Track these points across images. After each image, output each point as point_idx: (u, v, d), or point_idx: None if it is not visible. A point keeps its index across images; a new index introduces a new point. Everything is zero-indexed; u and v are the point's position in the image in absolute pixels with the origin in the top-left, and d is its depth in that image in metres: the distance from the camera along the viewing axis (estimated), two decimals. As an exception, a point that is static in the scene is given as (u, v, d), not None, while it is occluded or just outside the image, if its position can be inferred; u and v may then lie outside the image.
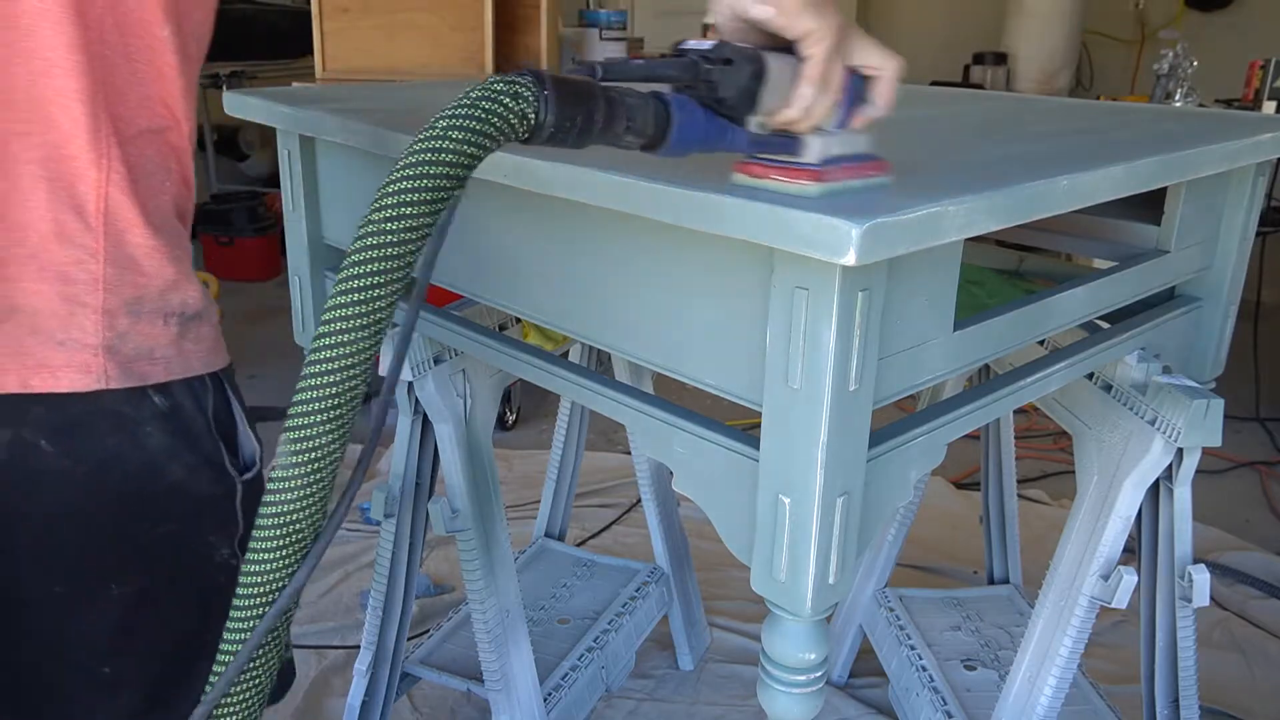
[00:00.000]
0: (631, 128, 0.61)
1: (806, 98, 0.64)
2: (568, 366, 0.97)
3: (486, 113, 0.55)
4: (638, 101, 0.61)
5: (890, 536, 1.69)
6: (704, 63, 0.62)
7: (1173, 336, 1.14)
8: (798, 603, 0.75)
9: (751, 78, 0.63)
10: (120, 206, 0.68)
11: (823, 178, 0.66)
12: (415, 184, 0.56)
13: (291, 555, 0.60)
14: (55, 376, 0.68)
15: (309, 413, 0.58)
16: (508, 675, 1.30)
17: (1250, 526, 2.42)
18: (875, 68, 0.68)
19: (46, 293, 0.67)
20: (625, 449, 2.61)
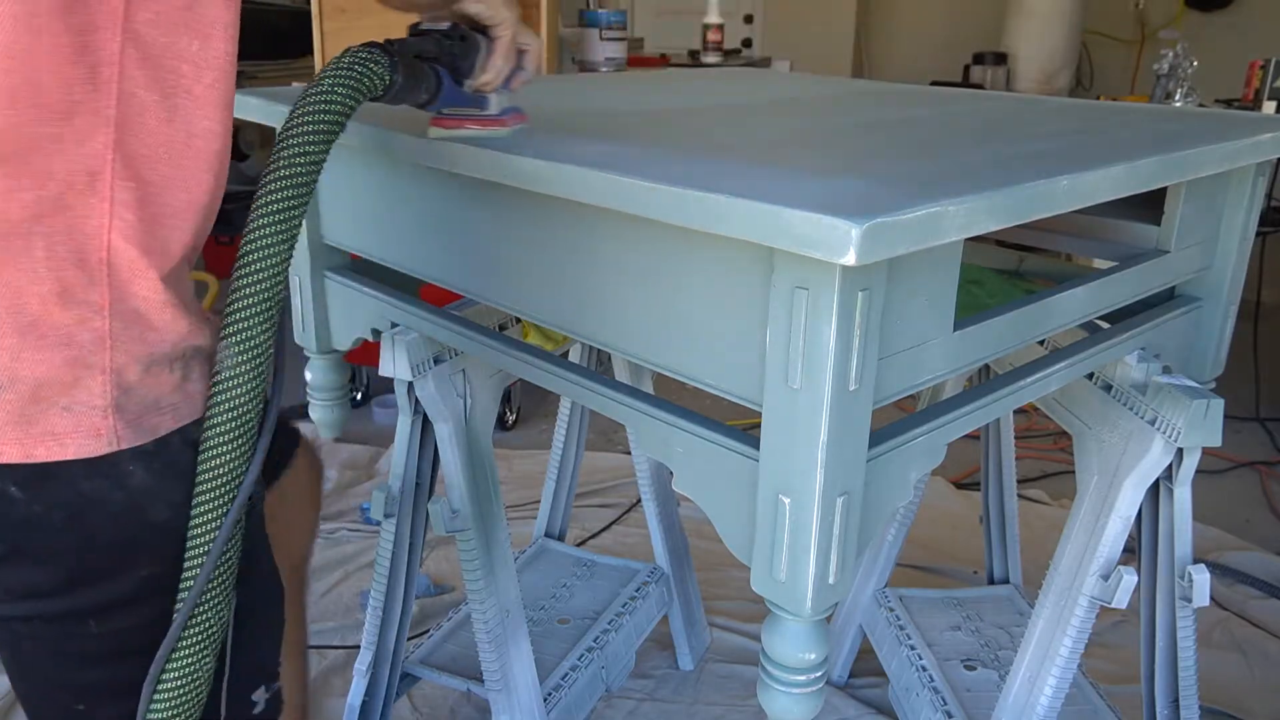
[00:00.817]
0: (426, 88, 0.83)
1: (498, 68, 0.88)
2: (568, 366, 0.97)
3: (360, 74, 0.72)
4: (426, 69, 0.82)
5: (890, 536, 1.69)
6: (445, 39, 0.84)
7: (1173, 336, 1.14)
8: (798, 603, 0.75)
9: (474, 52, 0.86)
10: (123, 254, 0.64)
11: (506, 124, 0.91)
12: (312, 126, 0.68)
13: (245, 444, 0.68)
14: (62, 445, 0.64)
15: (246, 316, 0.67)
16: (508, 675, 1.30)
17: (1250, 526, 2.42)
18: (527, 44, 0.91)
19: (50, 360, 0.63)
20: (625, 449, 2.61)
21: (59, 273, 0.62)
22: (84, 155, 0.62)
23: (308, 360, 1.31)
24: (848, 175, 0.75)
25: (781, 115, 1.16)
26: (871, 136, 0.99)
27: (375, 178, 1.10)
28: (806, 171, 0.77)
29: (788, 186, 0.69)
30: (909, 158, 0.85)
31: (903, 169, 0.78)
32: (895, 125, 1.09)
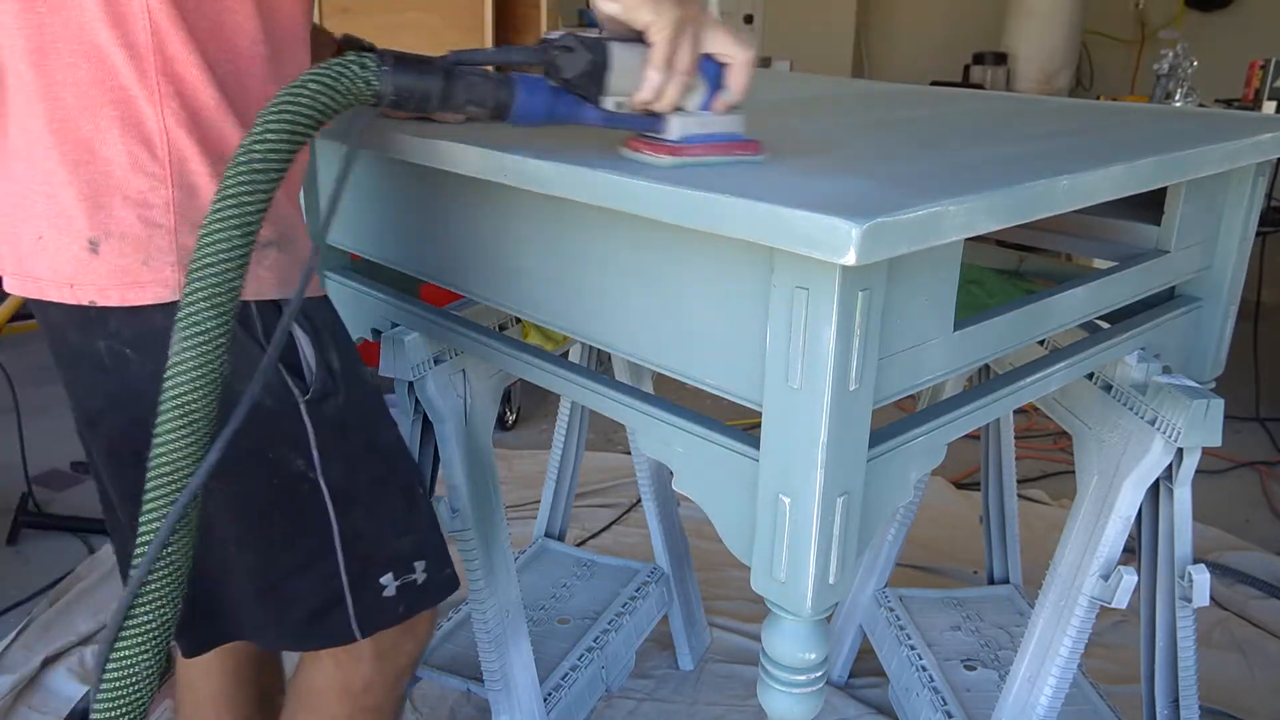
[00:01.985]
0: (472, 99, 0.74)
1: (653, 80, 0.74)
2: (568, 366, 0.97)
3: (337, 78, 0.69)
4: (478, 79, 0.74)
5: (890, 536, 1.69)
6: (550, 50, 0.74)
7: (1173, 336, 1.14)
8: (798, 603, 0.75)
9: (591, 63, 0.74)
10: (179, 139, 0.78)
11: (677, 152, 0.76)
12: (278, 121, 0.67)
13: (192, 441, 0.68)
14: (144, 290, 0.79)
15: (195, 302, 0.67)
16: (508, 675, 1.30)
17: (1250, 526, 2.42)
18: (727, 56, 0.77)
19: (132, 218, 0.78)
20: (625, 449, 2.61)
21: (129, 147, 0.78)
22: (132, 54, 0.76)
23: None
24: (848, 175, 0.75)
25: (781, 115, 1.16)
26: (871, 137, 0.99)
27: (376, 178, 1.10)
28: (806, 171, 0.77)
29: (788, 186, 0.69)
30: (909, 158, 0.85)
31: (903, 169, 0.78)
32: (895, 125, 1.09)
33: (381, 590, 0.93)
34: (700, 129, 0.77)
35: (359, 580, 0.91)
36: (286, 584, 0.90)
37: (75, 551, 2.16)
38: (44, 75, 0.77)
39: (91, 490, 2.47)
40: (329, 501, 0.88)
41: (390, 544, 0.94)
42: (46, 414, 2.81)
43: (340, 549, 0.90)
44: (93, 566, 2.08)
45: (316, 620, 0.91)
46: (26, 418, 2.43)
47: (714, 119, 0.78)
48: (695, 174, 0.73)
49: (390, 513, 0.94)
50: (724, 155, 0.78)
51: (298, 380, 0.86)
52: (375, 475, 0.92)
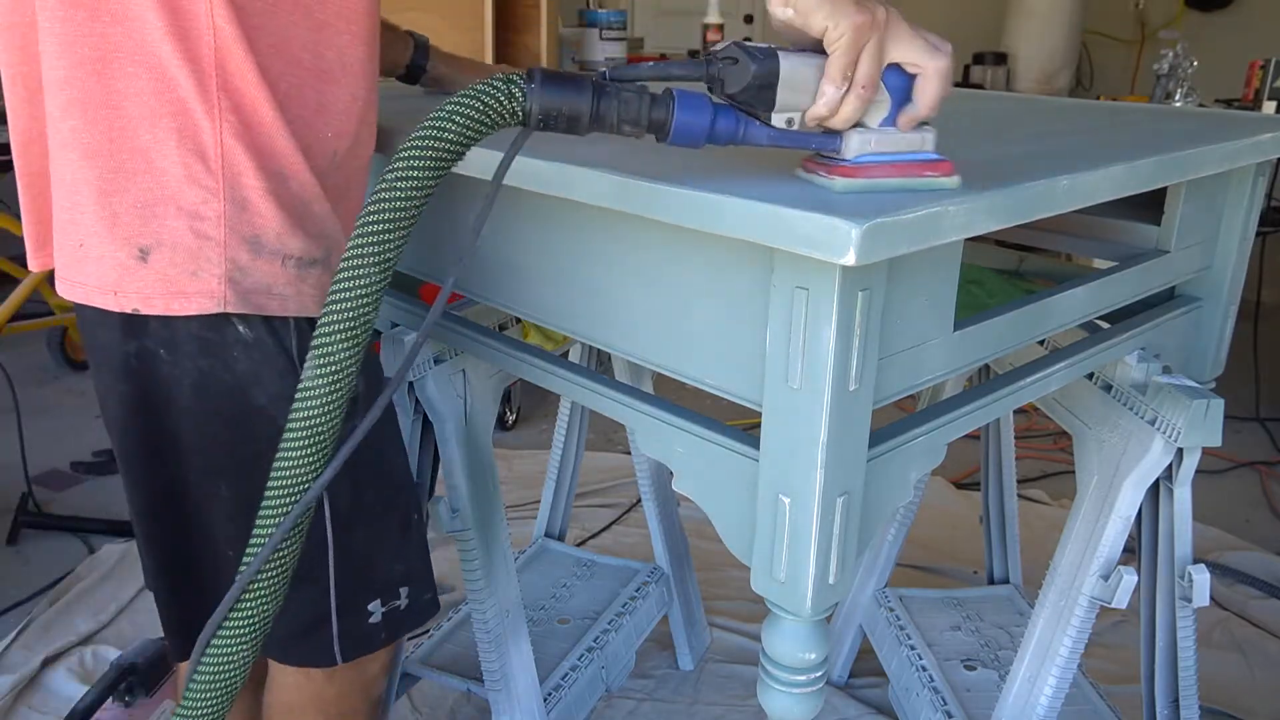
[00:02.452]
0: (625, 118, 0.67)
1: (828, 95, 0.66)
2: (568, 366, 0.97)
3: (485, 100, 0.65)
4: (632, 95, 0.67)
5: (890, 536, 1.69)
6: (714, 62, 0.67)
7: (1173, 336, 1.14)
8: (798, 603, 0.75)
9: (759, 75, 0.65)
10: (234, 154, 0.79)
11: (854, 174, 0.68)
12: (423, 153, 0.66)
13: (317, 455, 0.71)
14: (189, 301, 0.81)
15: (332, 334, 0.68)
16: (508, 675, 1.30)
17: (1250, 526, 2.42)
18: (915, 65, 0.68)
19: (184, 229, 0.79)
20: (625, 449, 2.61)
21: (185, 158, 0.79)
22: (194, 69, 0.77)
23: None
24: (848, 175, 0.75)
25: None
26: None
27: (375, 178, 1.10)
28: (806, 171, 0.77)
29: (788, 186, 0.69)
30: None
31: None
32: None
33: (368, 616, 0.93)
34: (881, 148, 0.69)
35: (347, 604, 0.91)
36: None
37: (75, 551, 2.16)
38: (105, 85, 0.77)
39: (91, 490, 2.48)
40: (329, 522, 0.89)
41: (382, 570, 0.94)
42: (46, 414, 2.81)
43: (333, 570, 0.90)
44: (93, 566, 2.08)
45: (301, 636, 0.92)
46: (26, 418, 2.43)
47: (898, 136, 0.69)
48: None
49: (387, 539, 0.94)
50: (908, 177, 0.69)
51: None
52: (378, 500, 0.93)
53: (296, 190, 0.83)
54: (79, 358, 3.15)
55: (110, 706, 1.58)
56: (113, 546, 2.14)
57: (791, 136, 0.69)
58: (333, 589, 0.90)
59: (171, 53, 0.77)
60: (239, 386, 0.83)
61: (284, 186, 0.82)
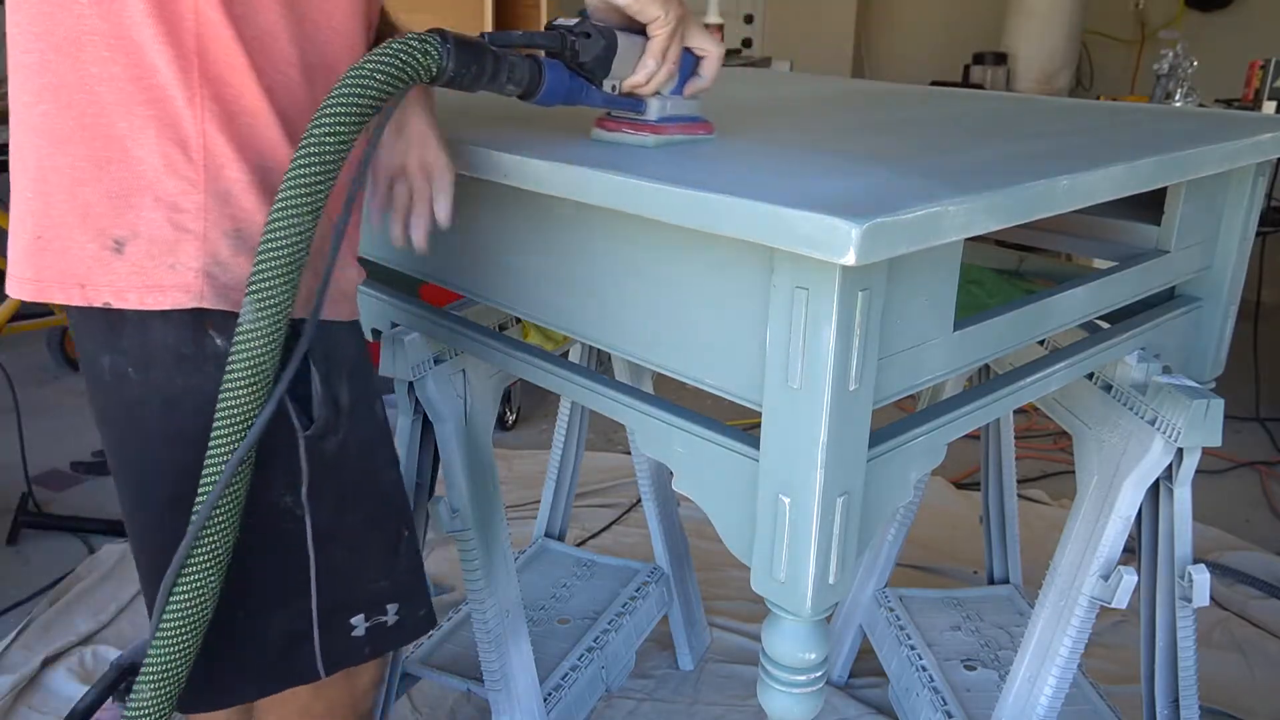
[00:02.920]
0: (512, 79, 0.78)
1: (649, 68, 0.83)
2: (568, 366, 0.97)
3: (404, 57, 0.72)
4: (518, 60, 0.78)
5: (890, 536, 1.69)
6: (569, 35, 0.80)
7: (1173, 336, 1.14)
8: (798, 603, 0.75)
9: (604, 49, 0.81)
10: (216, 144, 0.77)
11: (660, 131, 0.86)
12: (347, 107, 0.71)
13: (258, 392, 0.74)
14: (164, 295, 0.78)
15: (267, 275, 0.72)
16: (508, 675, 1.30)
17: (1250, 526, 2.42)
18: (705, 50, 0.87)
19: (161, 221, 0.77)
20: (625, 449, 2.61)
21: (164, 148, 0.76)
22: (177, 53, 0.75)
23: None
24: (848, 175, 0.75)
25: (781, 115, 1.16)
26: (871, 137, 0.99)
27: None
28: (806, 171, 0.77)
29: (788, 186, 0.69)
30: (909, 158, 0.85)
31: (903, 169, 0.78)
32: (895, 125, 1.09)
33: (350, 630, 0.91)
34: (675, 111, 0.87)
35: (329, 618, 0.89)
36: (256, 619, 0.87)
37: (75, 551, 2.16)
38: (79, 69, 0.75)
39: (91, 490, 2.48)
40: (310, 539, 0.86)
41: (366, 586, 0.92)
42: (46, 414, 2.81)
43: (315, 586, 0.88)
44: (93, 566, 2.08)
45: (282, 659, 0.89)
46: (26, 418, 2.43)
47: (683, 102, 0.88)
48: (690, 167, 0.73)
49: (372, 555, 0.92)
50: (689, 134, 0.88)
51: (302, 414, 0.83)
52: (363, 517, 0.90)
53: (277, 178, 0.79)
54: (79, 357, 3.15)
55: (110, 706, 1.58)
56: (113, 546, 2.14)
57: (615, 100, 0.85)
58: (314, 606, 0.88)
59: (152, 36, 0.74)
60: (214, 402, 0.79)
61: (269, 179, 0.79)
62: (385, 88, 0.72)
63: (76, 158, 0.76)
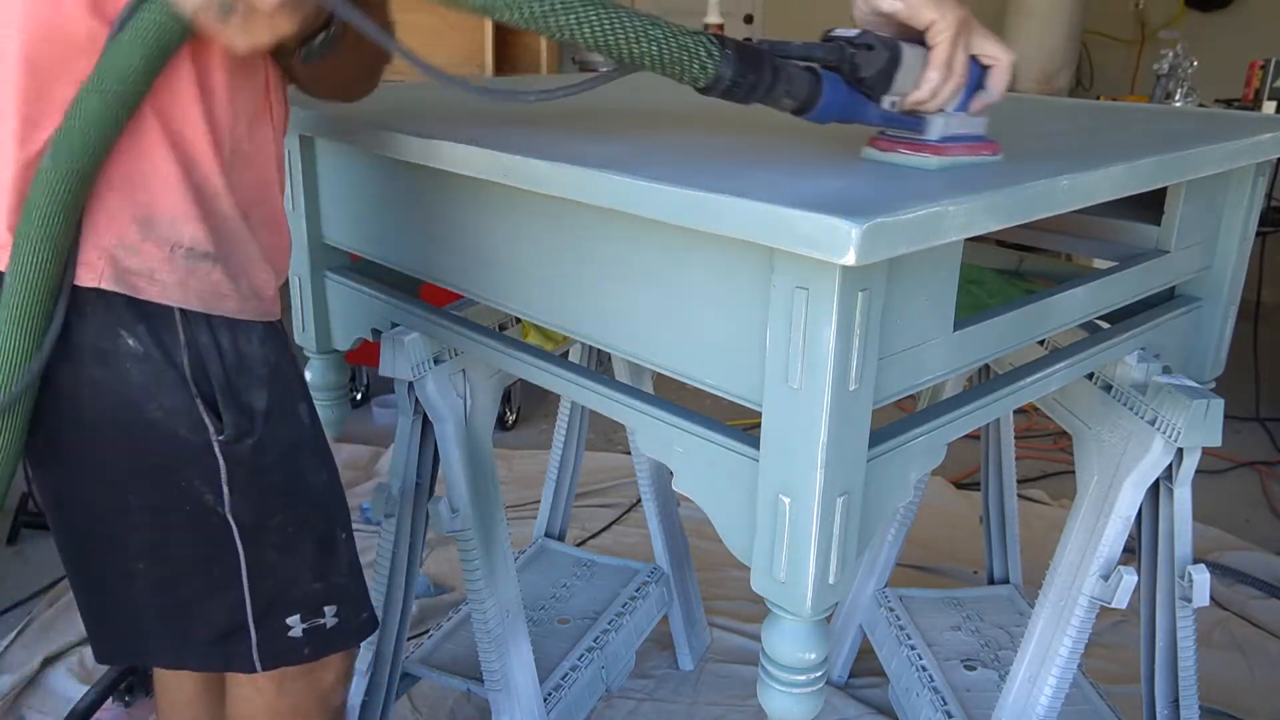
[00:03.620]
0: (789, 92, 0.72)
1: (933, 81, 0.74)
2: (568, 366, 0.97)
3: (681, 50, 0.67)
4: (797, 71, 0.72)
5: (890, 536, 1.69)
6: (849, 47, 0.73)
7: (1173, 336, 1.14)
8: (798, 603, 0.75)
9: (888, 61, 0.73)
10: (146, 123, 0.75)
11: (942, 153, 0.77)
12: (610, 43, 0.67)
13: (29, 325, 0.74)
14: (78, 271, 0.77)
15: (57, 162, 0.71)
16: (508, 675, 1.30)
17: (1250, 526, 2.42)
18: (992, 57, 0.77)
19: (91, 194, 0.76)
20: (625, 449, 2.61)
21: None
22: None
23: (308, 360, 1.31)
24: (848, 175, 0.75)
25: (781, 115, 1.16)
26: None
27: (375, 178, 1.10)
28: (806, 171, 0.77)
29: (788, 186, 0.69)
30: (909, 158, 0.85)
31: (903, 169, 0.78)
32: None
33: (287, 630, 0.91)
34: (959, 129, 0.78)
35: (264, 616, 0.89)
36: (193, 604, 0.88)
37: (75, 551, 2.16)
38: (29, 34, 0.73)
39: (91, 490, 2.46)
40: (237, 537, 0.86)
41: (300, 587, 0.91)
42: (46, 414, 2.81)
43: (247, 583, 0.88)
44: (93, 566, 2.08)
45: (220, 643, 0.90)
46: (26, 418, 2.43)
47: (968, 120, 0.79)
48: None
49: (303, 557, 0.91)
50: (973, 155, 0.79)
51: (212, 414, 0.83)
52: (291, 518, 0.90)
53: (200, 178, 0.79)
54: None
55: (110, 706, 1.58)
56: (113, 546, 2.14)
57: (893, 118, 0.76)
58: (248, 600, 0.88)
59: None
60: (133, 400, 0.80)
61: (191, 170, 0.78)
62: (647, 58, 0.68)
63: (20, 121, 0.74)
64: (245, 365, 0.84)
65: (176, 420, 0.81)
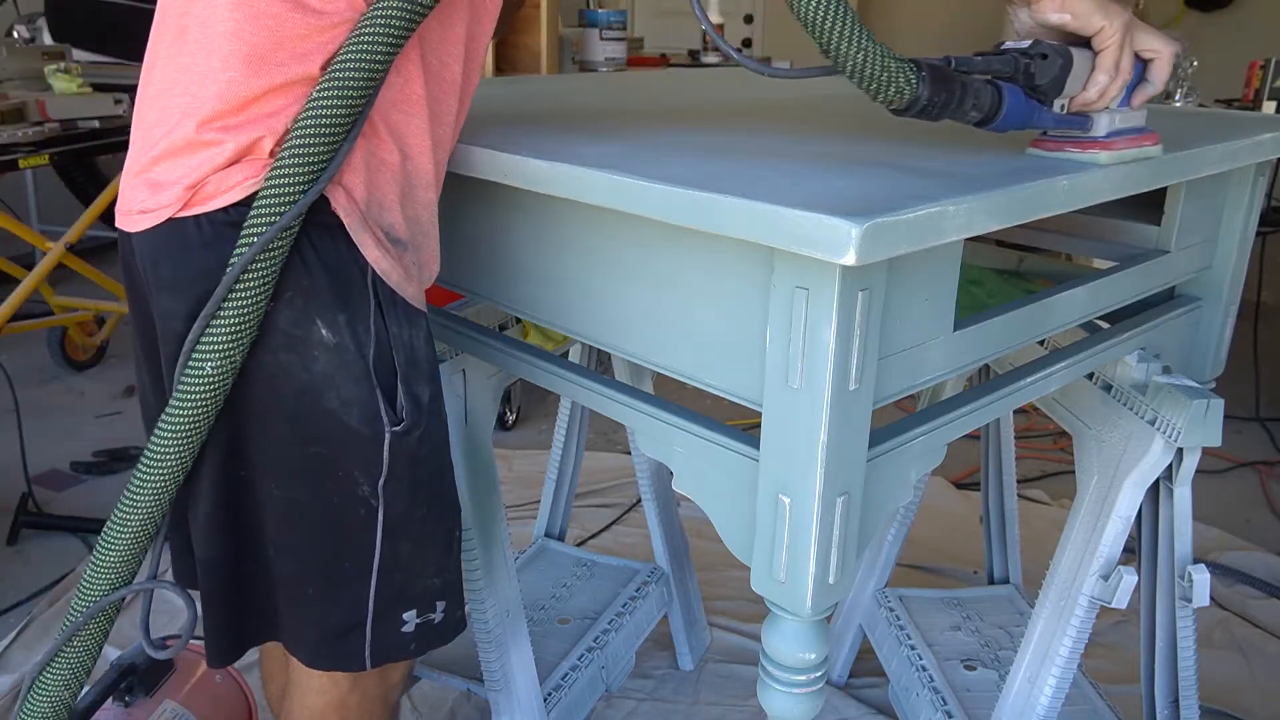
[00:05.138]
0: (976, 106, 0.75)
1: (1102, 83, 0.79)
2: (568, 366, 0.97)
3: (888, 64, 0.70)
4: (981, 86, 0.76)
5: (890, 536, 1.69)
6: (1023, 58, 0.77)
7: (1173, 336, 1.14)
8: (798, 603, 0.75)
9: (1061, 68, 0.77)
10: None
11: (1109, 147, 0.81)
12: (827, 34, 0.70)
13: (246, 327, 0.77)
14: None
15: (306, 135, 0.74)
16: (508, 675, 1.30)
17: (1250, 526, 2.41)
18: (1155, 51, 0.82)
19: None
20: (625, 449, 2.61)
21: None
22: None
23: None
24: (848, 175, 0.75)
25: (781, 115, 1.16)
26: (871, 137, 0.99)
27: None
28: (806, 171, 0.77)
29: (788, 186, 0.69)
30: (909, 158, 0.85)
31: (903, 169, 0.78)
32: (895, 125, 1.09)
33: (401, 625, 0.93)
34: (1123, 124, 0.83)
35: (384, 611, 0.91)
36: (315, 601, 0.89)
37: (75, 551, 2.16)
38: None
39: (91, 490, 2.48)
40: (380, 529, 0.88)
41: (422, 580, 0.93)
42: (46, 414, 2.81)
43: (376, 577, 0.89)
44: (93, 566, 2.08)
45: (334, 641, 0.91)
46: (26, 418, 2.43)
47: (1130, 114, 0.83)
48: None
49: (432, 550, 0.94)
50: (1137, 148, 0.83)
51: (390, 408, 0.85)
52: (430, 512, 0.92)
53: (411, 169, 0.83)
54: (79, 357, 3.15)
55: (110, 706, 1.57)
56: (113, 546, 2.14)
57: (1062, 119, 0.81)
58: (372, 595, 0.90)
59: None
60: (313, 387, 0.82)
61: (406, 158, 0.82)
62: (854, 69, 0.71)
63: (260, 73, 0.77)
64: (415, 358, 0.86)
65: (351, 410, 0.82)
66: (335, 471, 0.84)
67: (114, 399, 2.93)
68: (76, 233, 2.76)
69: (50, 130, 2.32)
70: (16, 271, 2.78)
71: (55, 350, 3.11)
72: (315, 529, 0.86)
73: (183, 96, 0.78)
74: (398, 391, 0.85)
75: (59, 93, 2.49)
